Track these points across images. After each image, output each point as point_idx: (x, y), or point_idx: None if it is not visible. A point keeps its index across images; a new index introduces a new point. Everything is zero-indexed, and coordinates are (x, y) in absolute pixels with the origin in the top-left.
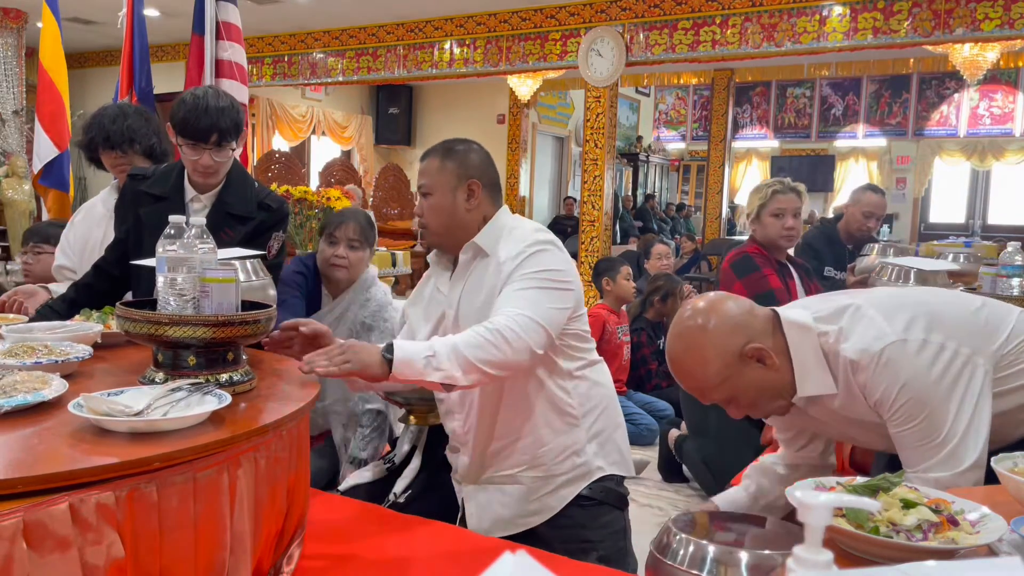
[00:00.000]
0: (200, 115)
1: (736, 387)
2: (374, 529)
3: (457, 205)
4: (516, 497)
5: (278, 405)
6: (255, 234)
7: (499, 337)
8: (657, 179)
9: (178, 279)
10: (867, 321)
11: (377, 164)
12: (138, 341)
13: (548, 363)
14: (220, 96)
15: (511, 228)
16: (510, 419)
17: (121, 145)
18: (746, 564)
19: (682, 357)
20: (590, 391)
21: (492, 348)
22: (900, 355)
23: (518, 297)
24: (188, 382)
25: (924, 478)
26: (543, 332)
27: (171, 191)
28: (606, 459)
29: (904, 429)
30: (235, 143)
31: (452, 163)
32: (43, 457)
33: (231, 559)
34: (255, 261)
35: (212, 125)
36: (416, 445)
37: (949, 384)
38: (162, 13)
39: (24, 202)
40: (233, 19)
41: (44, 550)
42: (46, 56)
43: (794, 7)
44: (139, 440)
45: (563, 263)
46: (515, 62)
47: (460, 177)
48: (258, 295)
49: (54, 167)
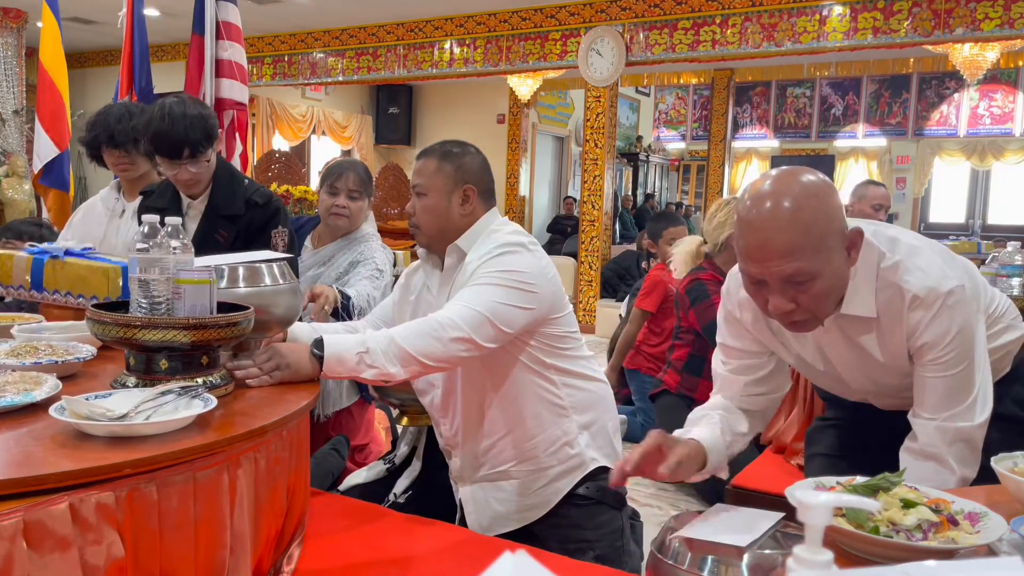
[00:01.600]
0: (168, 131)
1: (826, 265)
2: (374, 529)
3: (451, 209)
4: (511, 492)
5: (278, 405)
6: (251, 234)
7: (438, 327)
8: (657, 179)
9: (150, 280)
10: (927, 259)
11: (377, 164)
12: (111, 345)
13: (529, 358)
14: (187, 105)
15: (491, 232)
16: (495, 416)
17: (125, 144)
18: (747, 564)
19: (787, 212)
20: (579, 384)
21: (430, 339)
22: (962, 301)
23: (469, 292)
24: (179, 385)
25: (945, 427)
26: (488, 325)
27: (169, 202)
28: (599, 451)
29: (942, 375)
30: (210, 150)
31: (450, 166)
32: (19, 460)
33: (231, 559)
34: (282, 264)
35: (182, 140)
36: (416, 446)
37: (984, 338)
38: (162, 13)
39: (24, 202)
40: (233, 19)
41: (44, 550)
42: (46, 56)
43: (794, 7)
44: (122, 444)
45: (529, 265)
46: (515, 62)
47: (456, 181)
48: (286, 299)
49: (54, 167)
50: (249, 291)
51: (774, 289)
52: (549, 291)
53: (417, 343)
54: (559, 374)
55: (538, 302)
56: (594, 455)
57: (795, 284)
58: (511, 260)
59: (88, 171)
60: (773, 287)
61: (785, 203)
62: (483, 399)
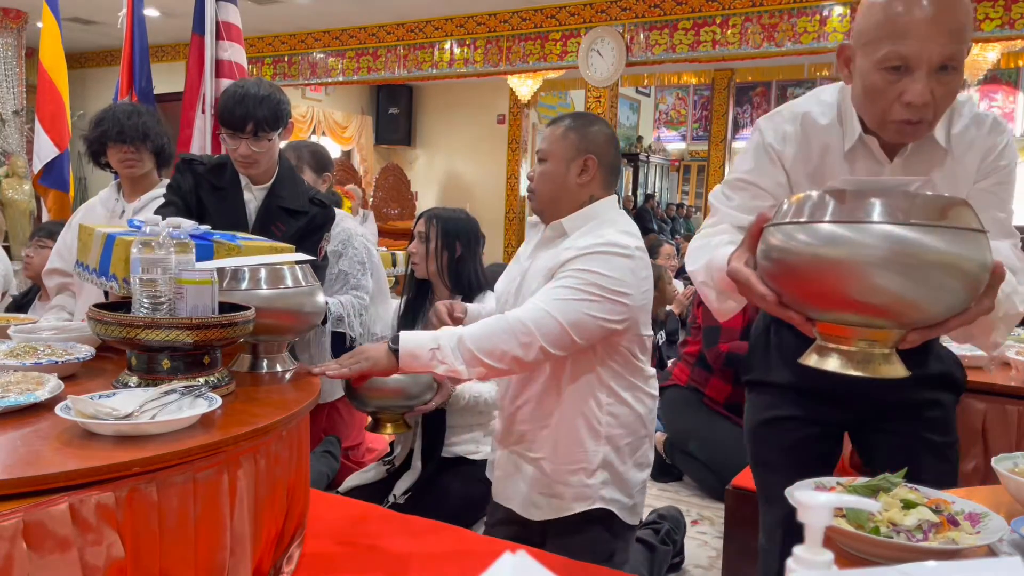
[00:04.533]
0: (236, 104)
1: (964, 58)
2: (374, 529)
3: (569, 177)
4: (529, 478)
5: (279, 406)
6: (307, 231)
7: (507, 329)
8: (657, 179)
9: (153, 280)
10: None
11: (377, 164)
12: (113, 345)
13: (589, 368)
14: (262, 86)
15: (602, 220)
16: (534, 408)
17: (134, 140)
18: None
19: (950, 1)
20: (623, 414)
21: (497, 340)
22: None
23: (550, 292)
24: (181, 385)
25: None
26: (562, 332)
27: (228, 183)
28: (612, 496)
29: (1007, 182)
30: (274, 133)
31: (575, 134)
32: (25, 459)
33: (231, 559)
34: (304, 266)
35: (247, 114)
36: (413, 448)
37: None
38: (162, 13)
39: (24, 202)
40: (233, 19)
41: (44, 550)
42: (46, 56)
43: (794, 7)
44: (128, 443)
45: (624, 272)
46: (515, 62)
47: (579, 150)
48: (306, 301)
49: (54, 167)
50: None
51: (921, 75)
52: (640, 306)
53: (484, 344)
54: (610, 395)
55: (621, 315)
56: (605, 495)
57: (942, 73)
58: (606, 264)
59: (88, 171)
60: (921, 72)
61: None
62: (534, 385)
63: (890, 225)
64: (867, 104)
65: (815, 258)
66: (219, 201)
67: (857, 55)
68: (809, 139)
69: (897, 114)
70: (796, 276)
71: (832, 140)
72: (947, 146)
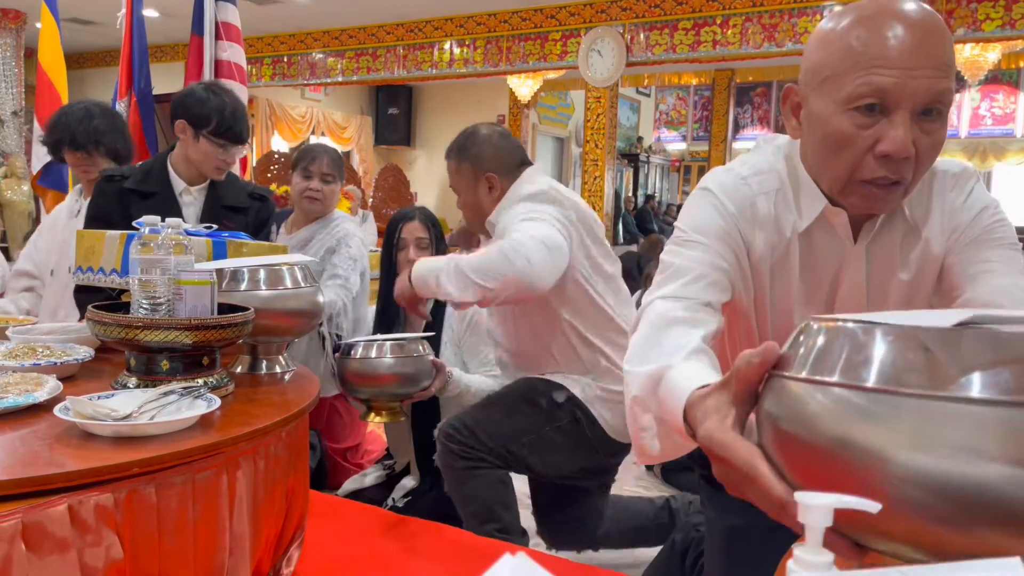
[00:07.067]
0: (236, 120)
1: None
2: (374, 530)
3: (481, 198)
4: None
5: (278, 407)
6: (256, 226)
7: (497, 252)
8: (658, 180)
9: (151, 281)
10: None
11: (377, 164)
12: (112, 345)
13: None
14: (234, 93)
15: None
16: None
17: (86, 146)
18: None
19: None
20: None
21: (488, 263)
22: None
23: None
24: (180, 386)
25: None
26: (543, 248)
27: (159, 187)
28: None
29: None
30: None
31: (467, 163)
32: (24, 460)
33: (230, 561)
34: (304, 267)
35: (244, 129)
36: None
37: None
38: (161, 13)
39: (23, 203)
40: (232, 19)
41: (43, 552)
42: (45, 57)
43: (795, 7)
44: (126, 444)
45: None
46: (515, 62)
47: (476, 175)
48: (306, 302)
49: (53, 168)
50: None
51: (903, 117)
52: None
53: (475, 264)
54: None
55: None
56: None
57: (926, 119)
58: (535, 206)
59: None
60: (904, 113)
61: (928, 7)
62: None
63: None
64: (826, 160)
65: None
66: (152, 209)
67: (811, 98)
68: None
69: (869, 171)
70: (853, 473)
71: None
72: (913, 221)
